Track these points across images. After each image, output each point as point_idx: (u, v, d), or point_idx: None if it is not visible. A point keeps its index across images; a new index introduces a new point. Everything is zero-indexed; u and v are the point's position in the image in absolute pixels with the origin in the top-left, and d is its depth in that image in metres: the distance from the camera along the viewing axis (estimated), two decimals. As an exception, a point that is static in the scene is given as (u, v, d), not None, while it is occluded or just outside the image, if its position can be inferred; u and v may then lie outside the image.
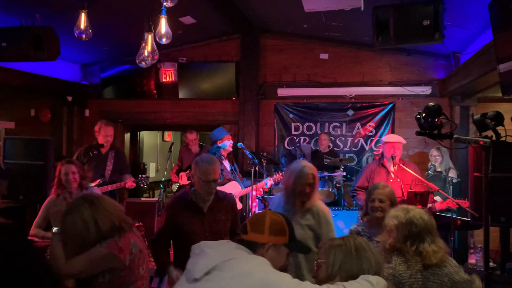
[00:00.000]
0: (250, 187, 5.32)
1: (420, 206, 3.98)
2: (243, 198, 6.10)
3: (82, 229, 2.29)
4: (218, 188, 3.17)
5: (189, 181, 6.38)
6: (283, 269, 1.85)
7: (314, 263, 1.96)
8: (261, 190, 5.44)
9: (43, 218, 3.92)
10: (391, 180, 4.67)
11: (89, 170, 5.14)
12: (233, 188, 5.19)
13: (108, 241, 2.29)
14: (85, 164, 5.20)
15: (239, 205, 4.93)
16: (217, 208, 3.13)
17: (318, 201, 3.16)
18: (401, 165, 4.78)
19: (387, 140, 4.93)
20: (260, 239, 1.81)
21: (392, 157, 4.77)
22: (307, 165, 3.11)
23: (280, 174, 5.81)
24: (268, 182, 5.36)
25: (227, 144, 5.41)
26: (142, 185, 5.32)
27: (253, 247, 1.79)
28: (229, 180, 5.35)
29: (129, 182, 5.13)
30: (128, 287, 2.35)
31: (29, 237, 3.87)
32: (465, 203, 4.34)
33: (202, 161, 3.04)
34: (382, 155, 4.97)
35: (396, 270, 2.32)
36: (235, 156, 6.79)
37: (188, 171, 6.42)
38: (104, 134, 5.30)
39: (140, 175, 5.31)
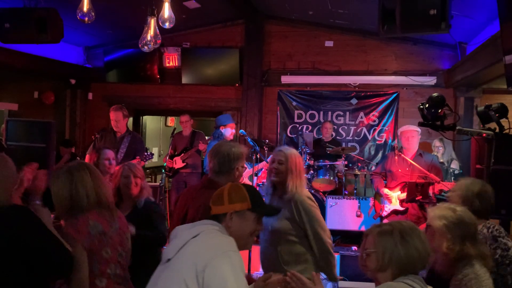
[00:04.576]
0: (257, 166, 5.65)
1: (421, 197, 4.01)
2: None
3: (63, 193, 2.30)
4: None
5: (184, 163, 6.45)
6: (255, 234, 1.93)
7: (362, 252, 1.85)
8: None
9: None
10: (407, 169, 4.69)
11: None
12: None
13: (67, 223, 2.28)
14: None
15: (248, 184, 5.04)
16: None
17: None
18: (402, 154, 4.77)
19: (401, 130, 4.91)
20: (221, 210, 1.87)
21: (400, 146, 4.83)
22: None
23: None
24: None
25: (229, 132, 5.47)
26: (145, 162, 5.32)
27: (219, 220, 1.87)
28: None
29: (134, 161, 5.14)
30: (92, 270, 2.23)
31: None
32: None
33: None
34: (401, 148, 4.97)
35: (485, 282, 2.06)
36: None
37: (182, 154, 6.47)
38: (111, 119, 5.32)
39: (144, 153, 5.32)
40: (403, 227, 1.80)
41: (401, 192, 4.67)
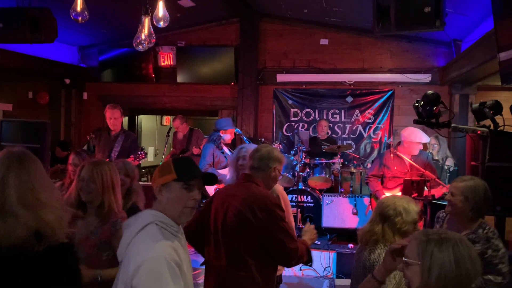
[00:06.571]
0: None
1: (416, 194, 4.02)
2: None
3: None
4: (224, 171, 3.09)
5: None
6: (190, 205, 1.86)
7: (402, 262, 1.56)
8: None
9: None
10: (408, 168, 4.68)
11: (98, 152, 5.17)
12: None
13: (120, 221, 2.37)
14: (95, 146, 5.28)
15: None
16: None
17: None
18: (397, 152, 4.77)
19: (415, 140, 4.69)
20: (153, 186, 1.90)
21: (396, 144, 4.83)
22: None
23: None
24: None
25: (228, 137, 5.40)
26: (138, 161, 5.27)
27: (154, 196, 1.90)
28: None
29: (128, 160, 5.12)
30: None
31: None
32: None
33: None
34: (399, 143, 4.92)
35: None
36: (232, 142, 6.79)
37: (180, 156, 6.45)
38: (108, 116, 5.30)
39: (138, 152, 5.29)
40: (455, 241, 1.49)
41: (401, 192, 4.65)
